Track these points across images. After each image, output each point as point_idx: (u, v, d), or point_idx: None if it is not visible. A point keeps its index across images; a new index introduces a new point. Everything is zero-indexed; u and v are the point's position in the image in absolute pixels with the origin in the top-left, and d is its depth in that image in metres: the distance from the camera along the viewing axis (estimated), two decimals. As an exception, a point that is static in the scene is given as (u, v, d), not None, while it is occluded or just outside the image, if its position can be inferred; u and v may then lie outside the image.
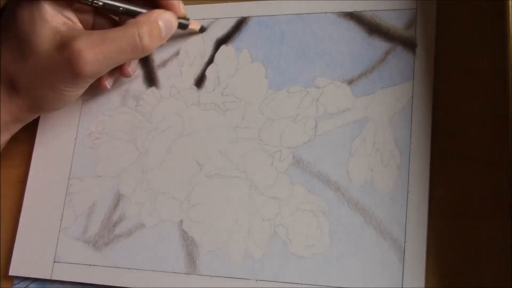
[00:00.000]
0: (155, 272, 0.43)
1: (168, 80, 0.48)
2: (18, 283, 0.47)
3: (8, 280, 0.47)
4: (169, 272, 0.43)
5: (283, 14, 0.46)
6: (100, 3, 0.43)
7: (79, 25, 0.45)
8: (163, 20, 0.44)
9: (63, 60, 0.42)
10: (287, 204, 0.42)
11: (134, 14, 0.44)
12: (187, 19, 0.47)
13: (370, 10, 0.44)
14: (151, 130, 0.47)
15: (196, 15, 0.48)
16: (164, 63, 0.48)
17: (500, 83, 0.39)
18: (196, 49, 0.48)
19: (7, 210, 0.49)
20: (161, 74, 0.48)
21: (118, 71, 0.47)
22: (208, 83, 0.47)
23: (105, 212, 0.46)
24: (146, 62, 0.49)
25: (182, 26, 0.47)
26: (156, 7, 0.45)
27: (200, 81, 0.47)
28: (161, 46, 0.46)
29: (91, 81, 0.44)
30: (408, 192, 0.39)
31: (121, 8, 0.44)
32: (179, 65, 0.48)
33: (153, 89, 0.48)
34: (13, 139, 0.48)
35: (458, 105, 0.40)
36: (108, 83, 0.48)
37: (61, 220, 0.47)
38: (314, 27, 0.45)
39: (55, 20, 0.43)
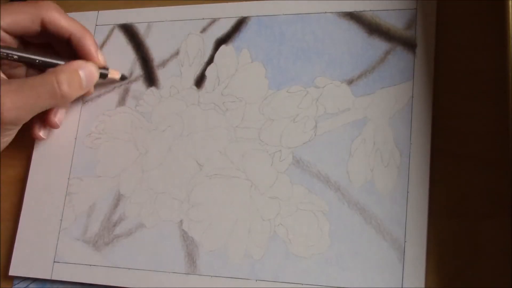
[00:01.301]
0: (155, 272, 0.43)
1: (168, 80, 0.48)
2: (18, 283, 0.47)
3: (8, 280, 0.47)
4: (169, 272, 0.43)
5: (283, 14, 0.46)
6: (15, 56, 0.45)
7: (2, 76, 0.46)
8: (84, 70, 0.46)
9: None
10: (287, 204, 0.42)
11: (54, 66, 0.46)
12: (106, 69, 0.48)
13: (370, 10, 0.44)
14: (151, 130, 0.47)
15: (196, 15, 0.48)
16: (164, 63, 0.48)
17: (500, 83, 0.39)
18: (196, 49, 0.48)
19: (7, 210, 0.49)
20: (161, 74, 0.48)
21: (46, 121, 0.48)
22: (208, 83, 0.47)
23: (105, 212, 0.46)
24: (146, 62, 0.49)
25: (101, 75, 0.48)
26: (75, 59, 0.46)
27: (200, 81, 0.47)
28: (85, 95, 0.48)
29: (14, 127, 0.45)
30: (408, 192, 0.39)
31: (37, 61, 0.46)
32: (179, 65, 0.48)
33: (153, 89, 0.48)
34: (13, 139, 0.48)
35: (458, 105, 0.40)
36: (42, 134, 0.49)
37: (61, 220, 0.47)
38: (314, 27, 0.45)
39: None
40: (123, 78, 0.49)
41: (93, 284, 0.45)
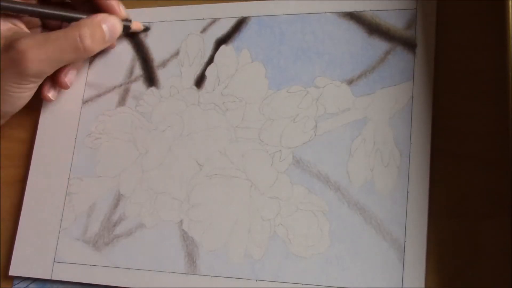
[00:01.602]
0: (155, 272, 0.43)
1: (168, 80, 0.48)
2: (18, 283, 0.47)
3: (8, 280, 0.47)
4: (169, 272, 0.43)
5: (283, 14, 0.46)
6: (37, 12, 0.46)
7: (25, 30, 0.47)
8: (107, 24, 0.46)
9: (8, 60, 0.44)
10: (287, 204, 0.42)
11: (77, 20, 0.46)
12: (129, 21, 0.48)
13: (370, 10, 0.44)
14: (151, 130, 0.47)
15: (196, 15, 0.48)
16: (164, 63, 0.48)
17: (500, 83, 0.39)
18: (196, 49, 0.48)
19: (7, 210, 0.49)
20: (161, 74, 0.48)
21: (56, 81, 0.48)
22: (208, 83, 0.47)
23: (105, 212, 0.46)
24: (146, 62, 0.49)
25: (124, 28, 0.48)
26: (97, 11, 0.47)
27: (200, 81, 0.47)
28: (110, 47, 0.48)
29: (36, 81, 0.46)
30: (408, 192, 0.39)
31: (58, 16, 0.46)
32: (179, 65, 0.48)
33: (153, 89, 0.48)
34: (13, 139, 0.48)
35: (458, 105, 0.40)
36: (51, 95, 0.49)
37: (61, 220, 0.47)
38: (314, 27, 0.45)
39: (1, 27, 0.45)
40: (146, 29, 0.49)
41: (93, 284, 0.45)
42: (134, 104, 0.48)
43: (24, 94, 0.46)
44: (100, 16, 0.46)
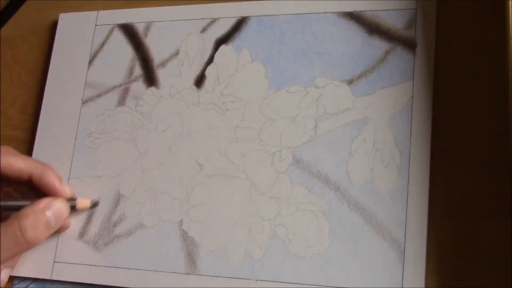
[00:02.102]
0: (155, 272, 0.43)
1: (168, 80, 0.48)
2: (18, 283, 0.47)
3: (8, 280, 0.47)
4: (169, 272, 0.43)
5: (283, 14, 0.46)
6: None
7: None
8: (52, 209, 0.43)
9: None
10: (287, 204, 0.42)
11: (19, 209, 0.43)
12: (74, 200, 0.46)
13: (370, 10, 0.44)
14: (151, 130, 0.47)
15: (196, 15, 0.48)
16: (164, 63, 0.48)
17: (500, 83, 0.39)
18: (195, 49, 0.48)
19: (7, 210, 0.49)
20: (161, 74, 0.48)
21: (10, 263, 0.45)
22: (208, 83, 0.47)
23: (105, 212, 0.46)
24: (146, 62, 0.49)
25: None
26: (41, 195, 0.44)
27: (200, 81, 0.47)
28: (62, 229, 0.45)
29: None
30: (408, 192, 0.39)
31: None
32: (178, 65, 0.48)
33: (153, 89, 0.48)
34: (13, 139, 0.48)
35: (458, 105, 0.40)
36: (4, 275, 0.45)
37: (61, 220, 0.47)
38: (314, 27, 0.45)
39: None
40: (94, 205, 0.46)
41: (93, 284, 0.45)
42: (134, 104, 0.48)
43: None
44: (43, 202, 0.43)
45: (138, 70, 0.49)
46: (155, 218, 0.45)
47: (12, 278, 0.47)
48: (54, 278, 0.45)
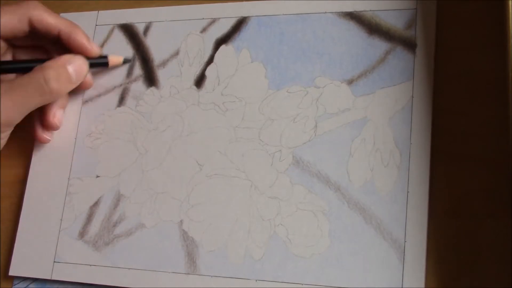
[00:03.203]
0: (155, 272, 0.43)
1: (168, 80, 0.48)
2: (18, 283, 0.47)
3: (8, 280, 0.47)
4: (169, 272, 0.43)
5: (283, 14, 0.46)
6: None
7: None
8: (73, 65, 0.45)
9: None
10: (287, 204, 0.42)
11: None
12: (105, 57, 0.47)
13: (370, 10, 0.44)
14: (151, 130, 0.47)
15: (196, 15, 0.48)
16: (164, 63, 0.48)
17: (500, 83, 0.39)
18: (196, 49, 0.48)
19: (7, 210, 0.49)
20: (161, 74, 0.48)
21: (45, 123, 0.47)
22: (208, 83, 0.47)
23: (105, 212, 0.46)
24: (146, 62, 0.49)
25: (102, 64, 0.47)
26: (68, 51, 0.46)
27: (200, 81, 0.47)
28: (85, 87, 0.48)
29: (6, 129, 0.45)
30: (408, 192, 0.39)
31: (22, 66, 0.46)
32: (179, 65, 0.48)
33: (153, 89, 0.48)
34: (13, 139, 0.48)
35: (458, 105, 0.40)
36: (46, 135, 0.48)
37: (61, 220, 0.47)
38: (314, 27, 0.45)
39: None
40: (126, 61, 0.48)
41: (93, 284, 0.45)
42: (134, 104, 0.48)
43: None
44: (64, 57, 0.45)
45: (138, 70, 0.49)
46: (155, 218, 0.45)
47: (12, 278, 0.47)
48: (54, 278, 0.45)
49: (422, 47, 0.42)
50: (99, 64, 0.48)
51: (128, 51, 0.50)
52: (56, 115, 0.47)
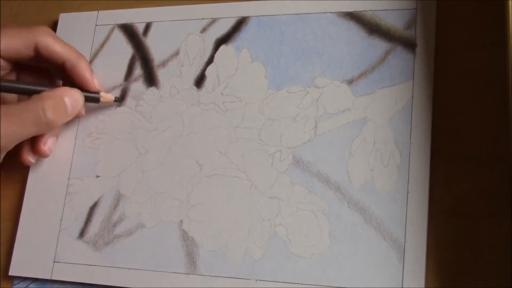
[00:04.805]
0: (155, 272, 0.43)
1: (168, 80, 0.48)
2: (18, 283, 0.47)
3: (8, 280, 0.47)
4: (169, 272, 0.43)
5: (283, 14, 0.46)
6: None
7: None
8: (69, 97, 0.45)
9: None
10: (287, 204, 0.42)
11: (39, 93, 0.45)
12: (98, 93, 0.47)
13: (370, 10, 0.44)
14: (151, 130, 0.47)
15: (196, 15, 0.48)
16: (164, 63, 0.48)
17: (500, 83, 0.39)
18: (196, 49, 0.48)
19: (7, 210, 0.49)
20: (161, 74, 0.48)
21: (35, 150, 0.47)
22: (208, 83, 0.47)
23: (105, 212, 0.46)
24: (146, 62, 0.49)
25: (94, 100, 0.47)
26: (69, 83, 0.47)
27: (200, 81, 0.47)
28: (77, 117, 0.47)
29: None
30: (408, 192, 0.39)
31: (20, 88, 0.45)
32: (179, 65, 0.48)
33: (153, 89, 0.48)
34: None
35: (458, 105, 0.40)
36: (31, 158, 0.48)
37: (61, 220, 0.47)
38: (314, 27, 0.45)
39: None
40: (116, 100, 0.48)
41: (93, 284, 0.45)
42: (134, 104, 0.48)
43: None
44: (63, 90, 0.45)
45: (138, 70, 0.49)
46: (155, 218, 0.45)
47: (12, 278, 0.47)
48: (54, 278, 0.45)
49: (422, 47, 0.42)
50: (92, 98, 0.47)
51: (128, 51, 0.50)
52: (47, 143, 0.47)
